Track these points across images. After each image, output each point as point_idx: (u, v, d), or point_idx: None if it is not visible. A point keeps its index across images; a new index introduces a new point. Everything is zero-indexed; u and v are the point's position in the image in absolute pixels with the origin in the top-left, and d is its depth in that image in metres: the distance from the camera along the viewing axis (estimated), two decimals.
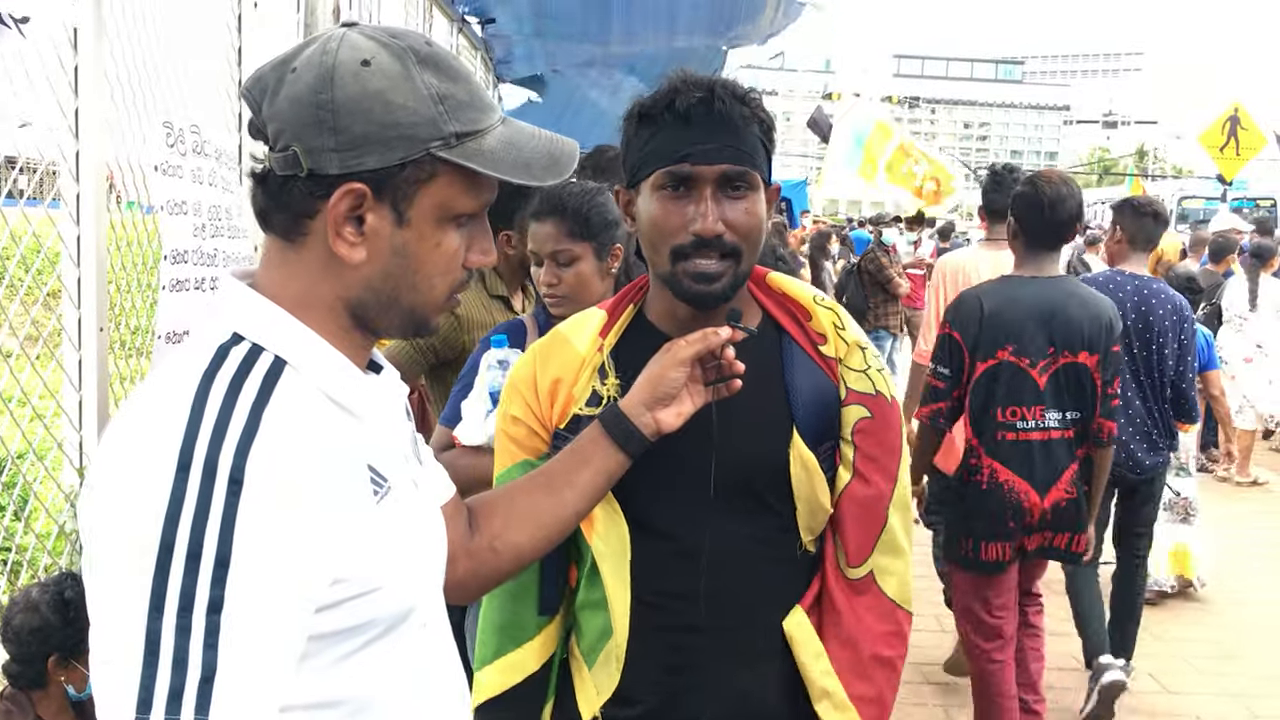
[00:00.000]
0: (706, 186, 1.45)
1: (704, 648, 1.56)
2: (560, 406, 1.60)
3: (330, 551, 0.98)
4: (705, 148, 1.45)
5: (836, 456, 1.61)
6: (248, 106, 1.10)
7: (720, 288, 1.48)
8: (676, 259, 1.48)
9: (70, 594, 2.22)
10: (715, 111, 1.45)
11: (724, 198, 1.46)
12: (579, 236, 2.36)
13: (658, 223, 1.48)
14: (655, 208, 1.48)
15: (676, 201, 1.47)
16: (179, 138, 2.55)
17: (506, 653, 1.63)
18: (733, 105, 1.46)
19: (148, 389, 1.02)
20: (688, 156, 1.45)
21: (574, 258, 2.38)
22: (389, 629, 1.08)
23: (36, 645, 2.21)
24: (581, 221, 2.36)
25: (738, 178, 1.47)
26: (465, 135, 1.07)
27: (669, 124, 1.46)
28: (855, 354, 1.61)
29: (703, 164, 1.45)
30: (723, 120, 1.45)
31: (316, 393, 1.04)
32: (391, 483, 1.09)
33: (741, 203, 1.47)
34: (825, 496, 1.59)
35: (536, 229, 2.40)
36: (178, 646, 0.88)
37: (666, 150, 1.46)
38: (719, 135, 1.45)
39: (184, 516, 0.90)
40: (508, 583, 1.58)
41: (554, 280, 2.38)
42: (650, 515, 1.56)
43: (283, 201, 1.06)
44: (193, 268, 2.56)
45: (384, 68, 1.04)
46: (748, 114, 1.48)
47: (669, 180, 1.47)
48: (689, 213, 1.46)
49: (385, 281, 1.09)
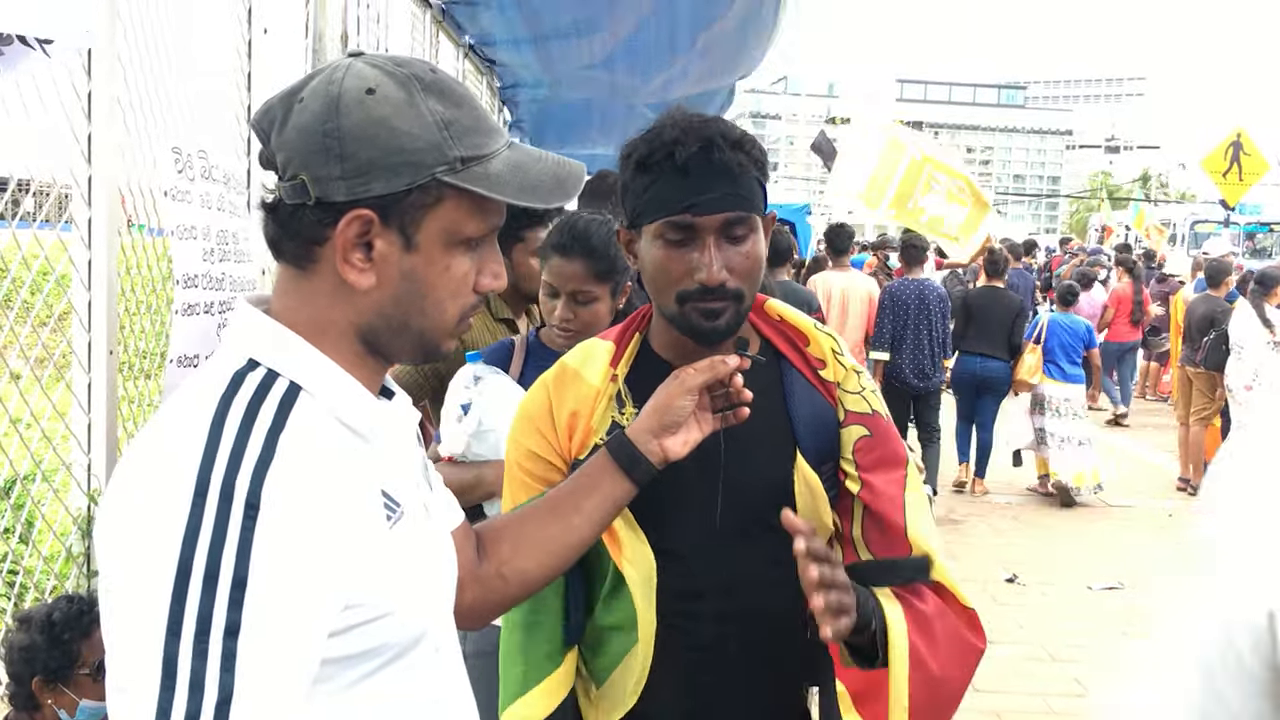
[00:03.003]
0: (709, 235, 1.48)
1: (719, 670, 1.59)
2: (579, 438, 1.62)
3: (344, 576, 0.99)
4: (706, 198, 1.47)
5: (839, 475, 1.63)
6: (257, 138, 1.12)
7: (724, 324, 1.51)
8: (683, 301, 1.51)
9: (58, 615, 2.22)
10: (714, 161, 1.47)
11: (725, 243, 1.49)
12: (602, 278, 2.37)
13: (662, 269, 1.51)
14: (659, 255, 1.51)
15: (679, 249, 1.50)
16: (187, 163, 2.58)
17: (535, 683, 1.63)
18: (731, 154, 1.48)
19: (165, 414, 1.03)
20: (690, 208, 1.47)
21: (594, 298, 2.39)
22: (400, 654, 1.09)
23: (23, 665, 2.21)
24: (607, 263, 2.37)
25: (738, 223, 1.49)
26: (470, 160, 1.08)
27: (668, 174, 1.48)
28: (852, 378, 1.65)
29: (704, 214, 1.47)
30: (722, 169, 1.47)
31: (331, 418, 1.05)
32: (404, 508, 1.10)
33: (743, 246, 1.51)
34: (828, 516, 1.62)
35: (561, 265, 2.39)
36: (194, 670, 0.89)
37: (667, 200, 1.48)
38: (719, 184, 1.47)
39: (201, 541, 0.91)
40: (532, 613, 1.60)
41: (570, 316, 2.39)
42: (665, 540, 1.58)
43: (292, 229, 1.08)
44: (202, 292, 2.58)
45: (389, 95, 1.05)
46: (744, 160, 1.50)
47: (671, 230, 1.49)
48: (693, 260, 1.49)
49: (395, 306, 1.10)
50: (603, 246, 2.36)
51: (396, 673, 1.09)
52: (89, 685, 2.21)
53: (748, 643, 1.59)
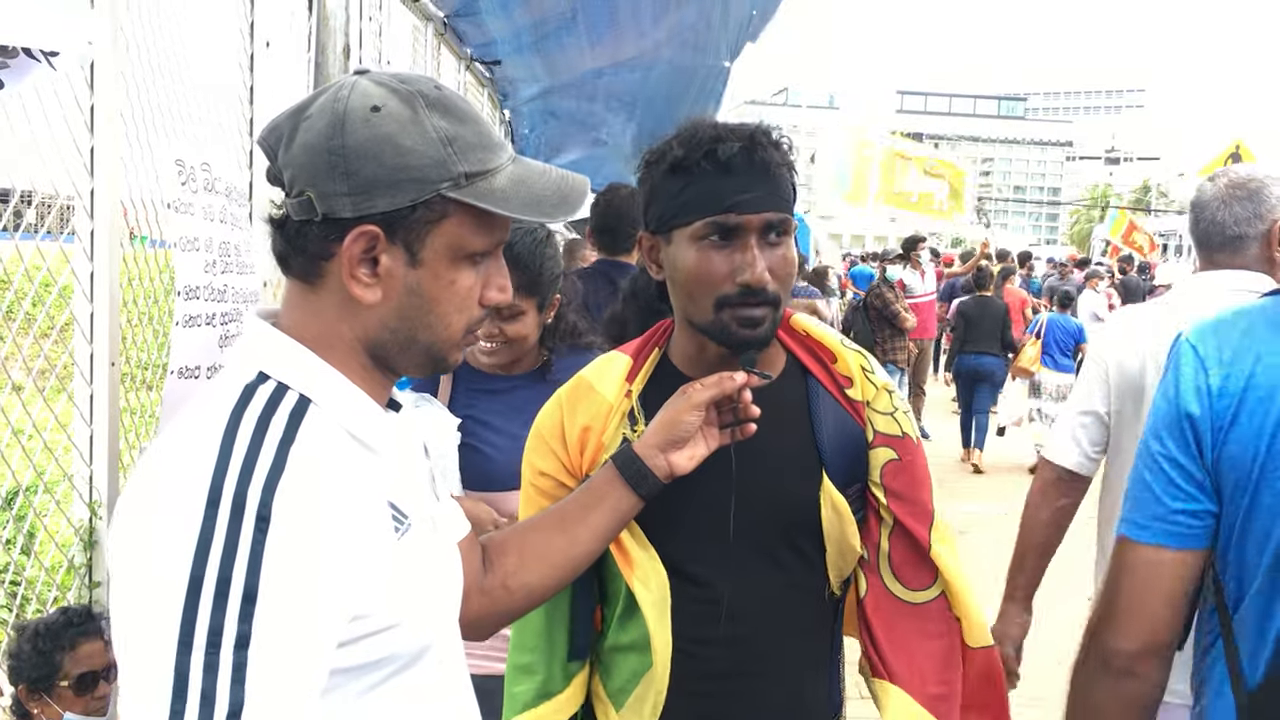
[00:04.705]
0: (751, 235, 1.45)
1: (733, 694, 1.55)
2: (591, 454, 1.59)
3: (353, 587, 1.00)
4: (749, 196, 1.44)
5: (868, 497, 1.60)
6: (264, 154, 1.13)
7: (764, 332, 1.48)
8: (721, 307, 1.46)
9: (43, 627, 2.23)
10: (756, 159, 1.45)
11: (765, 245, 1.46)
12: (528, 292, 2.27)
13: (701, 272, 1.47)
14: (697, 257, 1.47)
15: (720, 251, 1.46)
16: (191, 175, 2.59)
17: (538, 704, 1.61)
18: (771, 153, 1.46)
19: (177, 426, 1.04)
20: (734, 206, 1.44)
21: (518, 313, 2.29)
22: (407, 665, 1.09)
23: (12, 673, 2.22)
24: (533, 276, 2.27)
25: (779, 225, 1.47)
26: (475, 175, 1.09)
27: (709, 173, 1.45)
28: (883, 397, 1.61)
29: (749, 213, 1.44)
30: (764, 169, 1.45)
31: (340, 430, 1.06)
32: (411, 520, 1.10)
33: (780, 249, 1.48)
34: (855, 539, 1.57)
35: None
36: (205, 682, 0.90)
37: (709, 200, 1.45)
38: (761, 184, 1.45)
39: (213, 553, 0.92)
40: (537, 631, 1.59)
41: (495, 332, 2.29)
42: (679, 560, 1.54)
43: (299, 245, 1.09)
44: (204, 303, 2.59)
45: (393, 112, 1.06)
46: (782, 161, 1.48)
47: (713, 230, 1.45)
48: (735, 261, 1.45)
49: (401, 321, 1.11)
50: (527, 256, 2.25)
51: (403, 684, 1.09)
52: (70, 698, 2.21)
53: (757, 668, 1.55)
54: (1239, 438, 1.36)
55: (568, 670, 1.62)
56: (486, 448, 2.31)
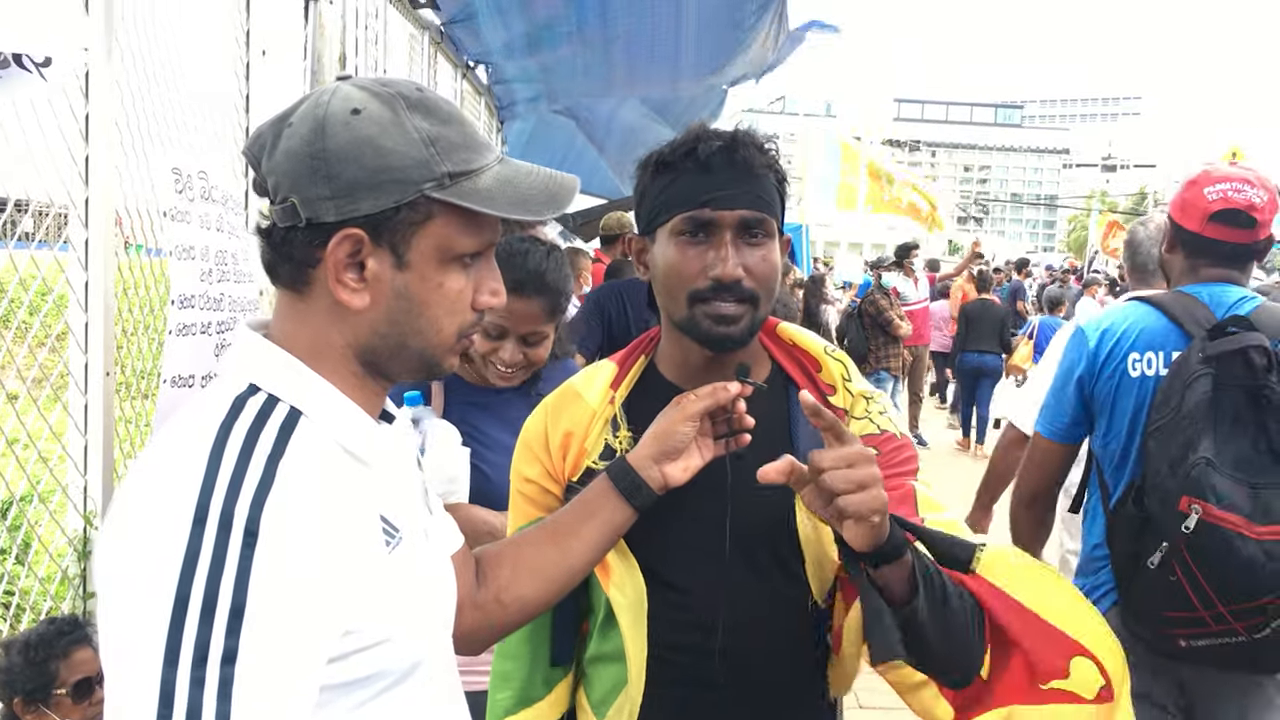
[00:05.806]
0: (726, 232, 1.45)
1: (718, 704, 1.53)
2: (573, 460, 1.58)
3: (343, 602, 0.99)
4: (725, 193, 1.45)
5: None
6: (249, 164, 1.12)
7: (738, 331, 1.46)
8: (694, 302, 1.46)
9: (35, 638, 2.22)
10: (736, 159, 1.45)
11: (743, 244, 1.46)
12: (550, 317, 2.23)
13: (676, 267, 1.47)
14: (673, 253, 1.47)
15: (695, 247, 1.46)
16: (187, 184, 2.58)
17: (518, 710, 1.61)
18: (753, 153, 1.46)
19: (165, 438, 1.03)
20: (709, 202, 1.44)
21: (544, 338, 2.25)
22: (399, 680, 1.08)
23: (3, 687, 2.21)
24: (561, 299, 2.23)
25: (756, 224, 1.46)
26: (459, 175, 1.08)
27: (689, 171, 1.46)
28: (859, 404, 1.60)
29: (723, 209, 1.44)
30: (744, 168, 1.46)
31: (331, 443, 1.05)
32: (403, 533, 1.09)
33: (759, 250, 1.47)
34: (833, 549, 1.51)
35: (516, 305, 2.15)
36: (191, 698, 0.89)
37: (686, 196, 1.46)
38: (739, 182, 1.45)
39: (200, 568, 0.91)
40: (519, 638, 1.57)
41: (519, 358, 2.23)
42: (666, 569, 1.52)
43: (286, 253, 1.08)
44: (199, 312, 2.58)
45: (374, 115, 1.06)
46: (765, 163, 1.48)
47: (688, 225, 1.46)
48: (708, 258, 1.45)
49: (391, 326, 1.10)
50: (555, 281, 2.21)
51: (396, 699, 1.08)
52: (68, 706, 2.21)
53: (744, 679, 1.53)
54: (1103, 377, 2.49)
55: (549, 677, 1.62)
56: (484, 465, 2.26)
